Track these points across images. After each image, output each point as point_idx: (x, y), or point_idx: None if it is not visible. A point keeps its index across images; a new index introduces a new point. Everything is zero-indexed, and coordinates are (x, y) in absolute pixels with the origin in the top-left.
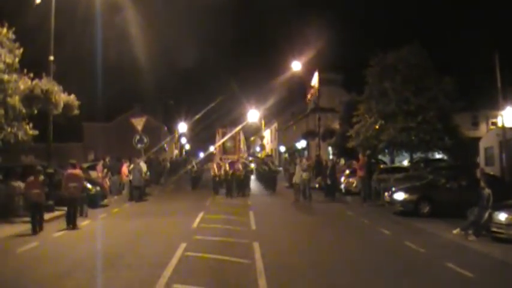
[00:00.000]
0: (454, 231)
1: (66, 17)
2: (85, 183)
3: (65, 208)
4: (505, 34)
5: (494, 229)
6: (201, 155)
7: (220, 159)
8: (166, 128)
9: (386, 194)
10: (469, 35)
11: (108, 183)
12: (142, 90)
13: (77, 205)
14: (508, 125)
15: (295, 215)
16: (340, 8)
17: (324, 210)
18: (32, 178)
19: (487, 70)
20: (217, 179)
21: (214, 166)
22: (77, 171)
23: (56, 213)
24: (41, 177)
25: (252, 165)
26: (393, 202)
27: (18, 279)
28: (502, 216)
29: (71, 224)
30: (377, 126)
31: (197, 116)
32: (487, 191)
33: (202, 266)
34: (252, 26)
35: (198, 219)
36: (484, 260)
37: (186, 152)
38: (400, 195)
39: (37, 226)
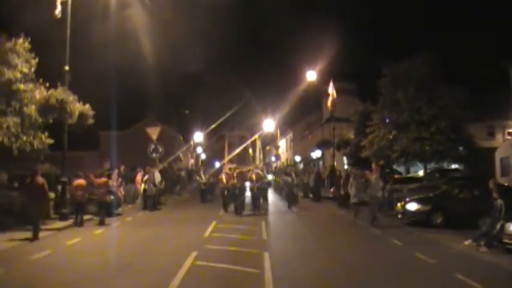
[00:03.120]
0: (466, 242)
1: (80, 26)
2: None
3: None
4: None
5: (506, 240)
6: (217, 164)
7: (229, 169)
8: (181, 138)
9: (399, 204)
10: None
11: (122, 192)
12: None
13: (105, 207)
14: None
15: (306, 225)
16: (352, 17)
17: (336, 221)
18: (76, 181)
19: (503, 79)
20: (225, 192)
21: (223, 177)
22: (103, 179)
23: (70, 221)
24: (83, 181)
25: (269, 177)
26: (406, 212)
27: (30, 287)
28: None
29: (102, 222)
30: (391, 137)
31: (213, 126)
32: (500, 201)
33: (212, 275)
34: (266, 35)
35: (210, 229)
36: (494, 271)
37: (202, 161)
38: (412, 206)
39: (79, 221)
